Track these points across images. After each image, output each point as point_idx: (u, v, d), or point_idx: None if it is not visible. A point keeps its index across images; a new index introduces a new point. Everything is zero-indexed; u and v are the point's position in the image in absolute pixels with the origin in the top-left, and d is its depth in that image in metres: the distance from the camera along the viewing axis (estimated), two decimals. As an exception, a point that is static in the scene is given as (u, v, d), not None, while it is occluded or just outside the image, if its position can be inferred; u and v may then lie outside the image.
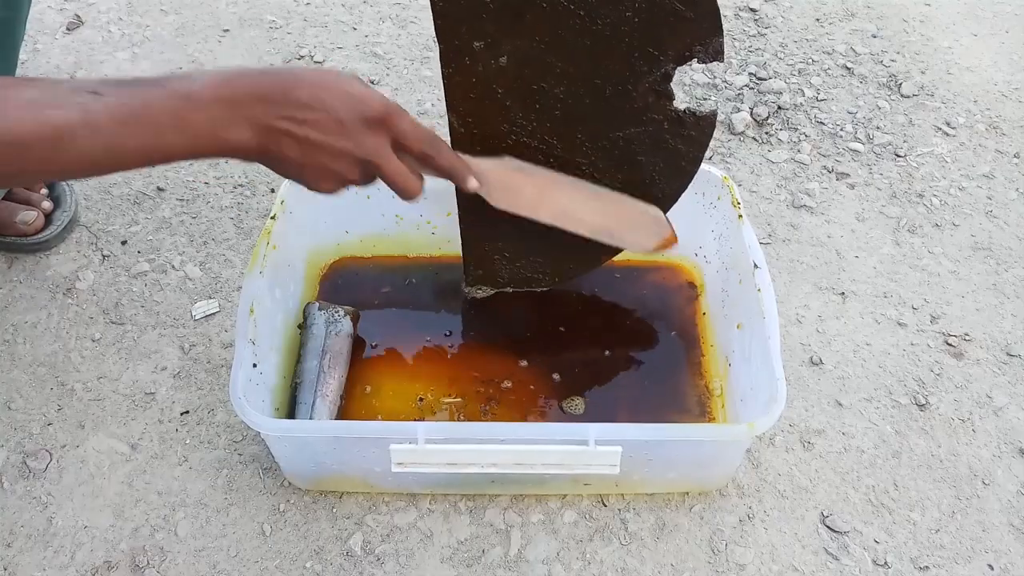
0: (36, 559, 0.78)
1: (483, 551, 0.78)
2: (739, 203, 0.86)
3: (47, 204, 1.02)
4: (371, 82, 1.26)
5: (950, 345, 0.95)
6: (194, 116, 0.56)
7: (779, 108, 1.22)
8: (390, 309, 0.95)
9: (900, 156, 1.16)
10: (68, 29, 1.33)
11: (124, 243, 1.03)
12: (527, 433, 0.72)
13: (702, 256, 0.95)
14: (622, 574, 0.77)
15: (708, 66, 1.28)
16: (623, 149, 0.77)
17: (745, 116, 1.20)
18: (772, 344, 0.73)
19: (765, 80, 1.26)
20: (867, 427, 0.87)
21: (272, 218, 0.85)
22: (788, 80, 1.26)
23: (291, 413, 0.83)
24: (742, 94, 1.24)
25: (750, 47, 1.32)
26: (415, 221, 0.96)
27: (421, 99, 1.23)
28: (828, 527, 0.80)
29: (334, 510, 0.81)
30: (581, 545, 0.79)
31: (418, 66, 1.29)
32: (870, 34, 1.35)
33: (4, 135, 0.50)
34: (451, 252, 0.97)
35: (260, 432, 0.73)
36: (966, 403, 0.90)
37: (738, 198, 0.86)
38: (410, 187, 0.66)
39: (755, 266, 0.80)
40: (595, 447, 0.68)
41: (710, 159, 1.13)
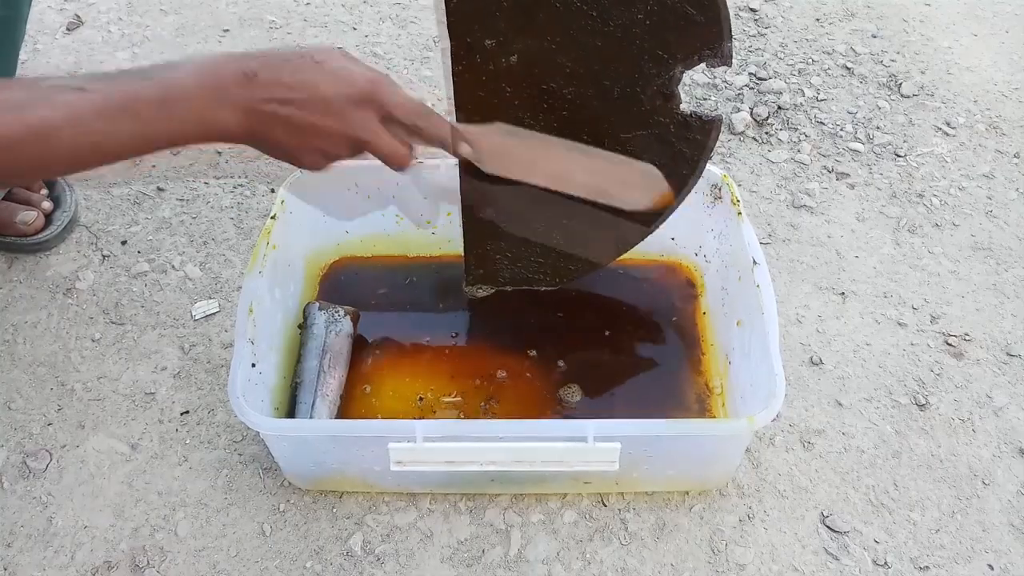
0: (36, 559, 0.78)
1: (483, 551, 0.78)
2: (739, 201, 0.86)
3: (47, 204, 1.02)
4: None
5: (950, 345, 0.95)
6: (180, 105, 0.56)
7: (779, 108, 1.22)
8: (390, 309, 0.95)
9: (900, 156, 1.16)
10: (68, 29, 1.33)
11: (124, 243, 1.04)
12: (526, 430, 0.72)
13: (702, 255, 0.95)
14: (622, 574, 0.77)
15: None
16: (629, 151, 0.77)
17: (745, 116, 1.20)
18: (771, 340, 0.73)
19: (765, 80, 1.26)
20: (867, 427, 0.87)
21: (272, 218, 0.85)
22: (788, 80, 1.26)
23: (291, 413, 0.83)
24: (742, 94, 1.24)
25: (750, 47, 1.32)
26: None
27: (421, 99, 1.23)
28: (828, 527, 0.80)
29: (334, 510, 0.80)
30: (581, 545, 0.78)
31: (418, 66, 1.29)
32: (870, 34, 1.35)
33: None
34: (451, 252, 0.97)
35: (259, 432, 0.73)
36: (966, 403, 0.90)
37: (737, 196, 0.86)
38: (399, 158, 0.66)
39: (754, 263, 0.80)
40: (594, 443, 0.68)
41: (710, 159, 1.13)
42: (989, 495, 0.83)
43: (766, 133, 1.19)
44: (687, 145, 0.77)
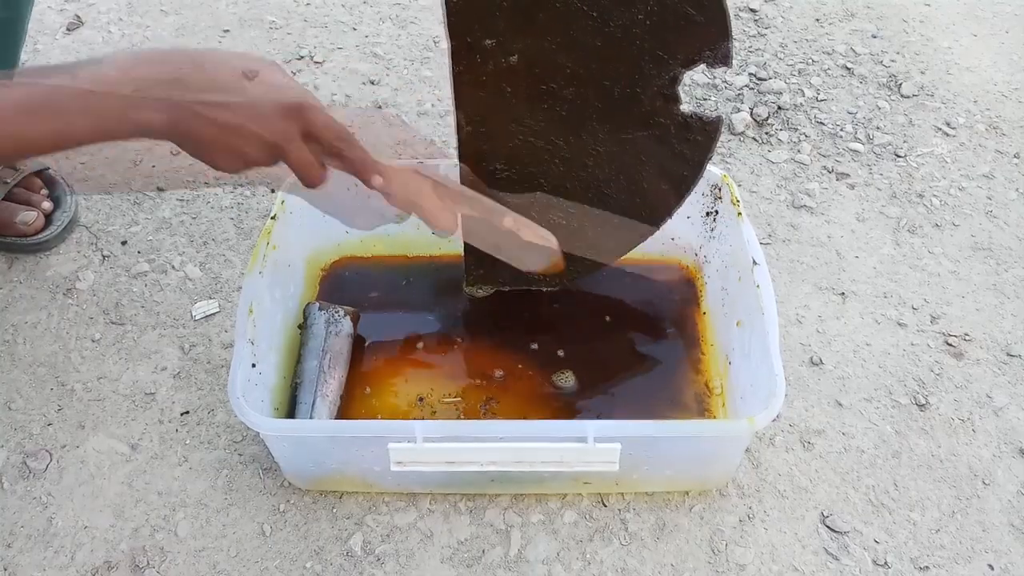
0: (36, 559, 0.78)
1: (483, 551, 0.78)
2: (738, 201, 0.86)
3: (47, 204, 1.02)
4: (371, 82, 1.26)
5: (950, 345, 0.95)
6: (104, 101, 0.56)
7: (779, 108, 1.22)
8: (390, 309, 0.95)
9: (900, 156, 1.16)
10: (68, 29, 1.34)
11: (124, 243, 1.04)
12: (526, 431, 0.72)
13: (702, 255, 0.95)
14: (622, 574, 0.77)
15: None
16: (629, 152, 0.77)
17: (745, 116, 1.20)
18: (771, 340, 0.73)
19: (765, 80, 1.26)
20: (867, 427, 0.87)
21: (272, 218, 0.85)
22: (788, 80, 1.26)
23: (291, 413, 0.83)
24: (742, 94, 1.24)
25: (750, 47, 1.32)
26: (415, 221, 0.95)
27: (421, 99, 1.23)
28: (828, 527, 0.80)
29: (334, 510, 0.80)
30: (581, 545, 0.78)
31: (418, 66, 1.29)
32: (870, 34, 1.35)
33: None
34: (451, 252, 0.97)
35: (259, 432, 0.73)
36: (966, 403, 0.90)
37: (737, 196, 0.86)
38: (312, 176, 0.66)
39: (754, 263, 0.80)
40: (594, 444, 0.68)
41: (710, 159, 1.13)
42: (989, 495, 0.83)
43: (766, 133, 1.19)
44: (687, 146, 0.77)
